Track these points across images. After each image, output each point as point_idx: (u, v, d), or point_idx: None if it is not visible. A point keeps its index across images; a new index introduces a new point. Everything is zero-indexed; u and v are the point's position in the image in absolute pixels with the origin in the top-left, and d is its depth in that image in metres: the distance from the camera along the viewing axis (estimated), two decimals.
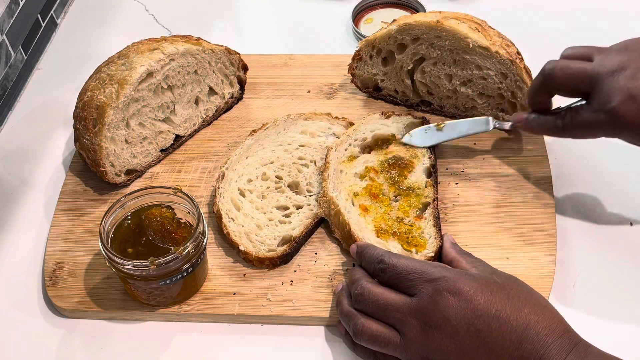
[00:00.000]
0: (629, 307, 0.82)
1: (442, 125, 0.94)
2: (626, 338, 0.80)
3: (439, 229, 0.85)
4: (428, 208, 0.87)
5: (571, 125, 0.81)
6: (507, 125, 0.92)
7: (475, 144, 0.97)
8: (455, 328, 0.69)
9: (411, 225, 0.86)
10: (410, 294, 0.72)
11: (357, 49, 1.01)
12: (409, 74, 1.01)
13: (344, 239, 0.86)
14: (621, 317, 0.81)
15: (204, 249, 0.81)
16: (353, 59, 1.02)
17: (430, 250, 0.83)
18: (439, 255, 0.83)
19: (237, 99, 1.06)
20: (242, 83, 1.06)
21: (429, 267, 0.73)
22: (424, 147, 0.93)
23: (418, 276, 0.72)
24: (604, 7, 1.18)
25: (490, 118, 0.93)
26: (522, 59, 0.94)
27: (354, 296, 0.75)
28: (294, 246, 0.86)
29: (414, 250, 0.83)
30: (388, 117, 0.98)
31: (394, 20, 0.98)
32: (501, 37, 0.95)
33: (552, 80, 0.81)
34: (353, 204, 0.88)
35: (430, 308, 0.70)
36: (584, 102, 0.81)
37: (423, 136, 0.94)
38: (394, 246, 0.84)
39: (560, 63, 0.81)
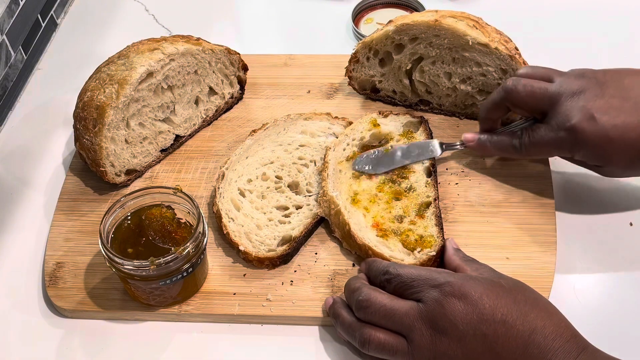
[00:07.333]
0: (629, 307, 0.82)
1: (389, 150, 0.92)
2: (626, 338, 0.79)
3: (441, 228, 0.85)
4: (429, 207, 0.87)
5: (528, 144, 0.85)
6: (457, 145, 0.92)
7: None
8: (461, 332, 0.69)
9: (412, 225, 0.86)
10: (416, 300, 0.72)
11: (353, 51, 1.01)
12: (407, 74, 1.01)
13: (344, 238, 0.86)
14: (621, 317, 0.81)
15: (204, 249, 0.81)
16: (350, 61, 1.02)
17: (432, 249, 0.82)
18: (441, 258, 0.83)
19: (237, 99, 1.06)
20: (242, 83, 1.06)
21: (434, 273, 0.73)
22: (377, 174, 0.91)
23: (423, 282, 0.72)
24: (602, 6, 1.18)
25: (437, 142, 0.92)
26: (520, 55, 0.94)
27: (357, 303, 0.74)
28: (294, 246, 0.86)
29: (416, 249, 0.83)
30: (386, 116, 0.98)
31: (390, 21, 0.98)
32: (499, 34, 0.95)
33: (514, 96, 0.84)
34: (353, 204, 0.88)
35: (437, 312, 0.70)
36: (532, 122, 0.85)
37: (372, 162, 0.92)
38: (394, 245, 0.84)
39: (523, 80, 0.84)
